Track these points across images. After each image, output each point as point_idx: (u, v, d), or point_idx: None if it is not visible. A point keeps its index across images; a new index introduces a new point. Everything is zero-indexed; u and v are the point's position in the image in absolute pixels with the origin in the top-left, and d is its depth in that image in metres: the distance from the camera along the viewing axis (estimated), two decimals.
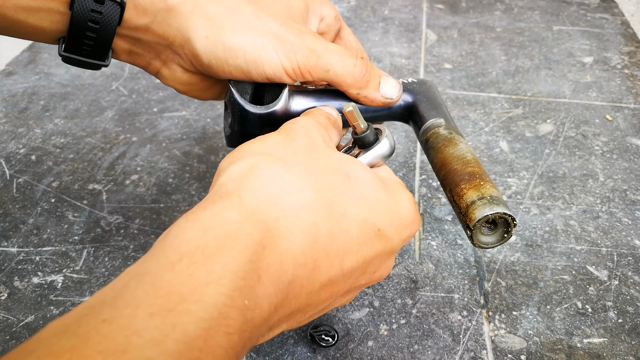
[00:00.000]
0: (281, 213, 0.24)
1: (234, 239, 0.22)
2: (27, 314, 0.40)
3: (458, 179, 0.31)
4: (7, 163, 0.54)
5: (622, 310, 0.40)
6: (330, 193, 0.26)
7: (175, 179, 0.52)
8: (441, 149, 0.34)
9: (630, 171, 0.53)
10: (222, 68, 0.33)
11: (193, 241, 0.22)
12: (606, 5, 0.86)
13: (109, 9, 0.31)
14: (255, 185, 0.25)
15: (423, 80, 0.40)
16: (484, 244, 0.30)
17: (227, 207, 0.23)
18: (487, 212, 0.28)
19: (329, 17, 0.39)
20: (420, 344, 0.38)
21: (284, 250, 0.24)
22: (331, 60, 0.33)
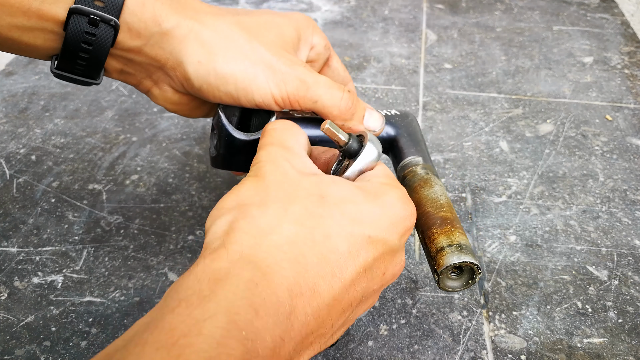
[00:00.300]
0: (266, 253, 0.26)
1: (224, 281, 0.24)
2: (27, 314, 0.40)
3: (430, 222, 0.33)
4: (7, 163, 0.54)
5: (622, 310, 0.40)
6: (309, 220, 0.27)
7: (175, 179, 0.52)
8: (417, 189, 0.35)
9: (630, 171, 0.53)
10: (213, 93, 0.34)
11: (189, 289, 0.24)
12: (606, 5, 0.86)
13: (103, 31, 0.31)
14: (237, 237, 0.26)
15: (406, 113, 0.41)
16: (449, 288, 0.32)
17: (216, 258, 0.25)
18: (454, 261, 0.30)
19: (319, 46, 0.40)
20: (420, 344, 0.38)
21: (278, 284, 0.25)
22: (320, 92, 0.34)
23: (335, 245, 0.27)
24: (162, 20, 0.32)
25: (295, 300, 0.25)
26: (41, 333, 0.38)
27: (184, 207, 0.49)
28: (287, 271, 0.25)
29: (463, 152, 0.56)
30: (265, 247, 0.26)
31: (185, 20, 0.33)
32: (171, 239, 0.46)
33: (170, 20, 0.32)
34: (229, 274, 0.24)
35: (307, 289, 0.26)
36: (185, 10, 0.33)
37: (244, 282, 0.24)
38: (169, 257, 0.44)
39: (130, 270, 0.43)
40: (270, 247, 0.26)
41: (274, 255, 0.26)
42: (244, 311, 0.23)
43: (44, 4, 0.30)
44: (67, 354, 0.37)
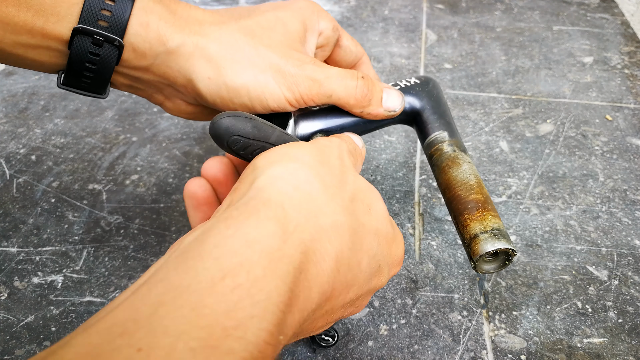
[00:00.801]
0: (317, 234, 0.24)
1: (277, 260, 0.21)
2: (27, 313, 0.40)
3: (462, 207, 0.33)
4: (7, 163, 0.54)
5: (622, 310, 0.40)
6: (355, 222, 0.26)
7: (175, 179, 0.52)
8: (445, 169, 0.35)
9: (630, 171, 0.53)
10: (227, 106, 0.34)
11: (237, 255, 0.20)
12: (606, 5, 0.86)
13: (107, 51, 0.31)
14: (296, 200, 0.24)
15: (426, 79, 0.39)
16: (485, 271, 0.32)
17: (272, 218, 0.22)
18: (489, 248, 0.30)
19: (327, 30, 0.39)
20: (420, 344, 0.38)
21: (314, 277, 0.23)
22: (333, 86, 0.34)
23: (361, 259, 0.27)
24: (166, 39, 0.32)
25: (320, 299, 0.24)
26: (41, 333, 0.38)
27: (184, 207, 0.49)
28: (326, 264, 0.24)
29: None
30: (318, 227, 0.24)
31: (190, 37, 0.32)
32: (171, 239, 0.46)
33: (174, 39, 0.32)
34: (282, 252, 0.21)
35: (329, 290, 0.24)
36: (188, 26, 0.33)
37: (294, 269, 0.21)
38: None
39: (131, 270, 0.43)
40: (321, 230, 0.24)
41: (322, 242, 0.24)
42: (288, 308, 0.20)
43: (48, 23, 0.30)
44: None
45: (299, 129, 0.36)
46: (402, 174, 0.53)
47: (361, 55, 0.43)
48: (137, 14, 0.31)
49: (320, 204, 0.25)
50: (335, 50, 0.41)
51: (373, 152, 0.56)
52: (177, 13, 0.33)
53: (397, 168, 0.54)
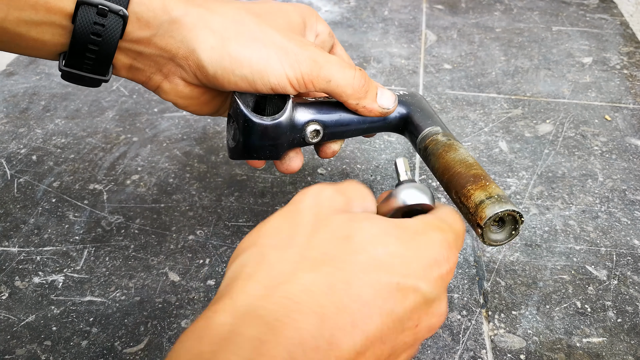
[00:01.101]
0: (278, 305, 0.23)
1: (227, 340, 0.22)
2: (27, 313, 0.40)
3: (463, 181, 0.32)
4: (8, 163, 0.54)
5: (621, 310, 0.40)
6: (328, 266, 0.25)
7: (175, 179, 0.52)
8: (442, 154, 0.35)
9: (630, 171, 0.54)
10: (228, 78, 0.34)
11: (189, 351, 0.22)
12: (605, 5, 0.86)
13: (112, 21, 0.31)
14: (247, 285, 0.24)
15: (413, 92, 0.41)
16: (494, 242, 0.31)
17: (219, 310, 0.23)
18: (496, 210, 0.29)
19: (323, 34, 0.40)
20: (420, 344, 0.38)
21: (290, 338, 0.22)
22: (333, 71, 0.34)
23: (357, 293, 0.24)
24: (170, 8, 0.32)
25: (310, 355, 0.22)
26: (42, 332, 0.38)
27: (184, 207, 0.49)
28: (300, 323, 0.23)
29: None
30: (276, 297, 0.23)
31: (194, 8, 0.33)
32: (172, 239, 0.46)
33: (179, 8, 0.32)
34: (232, 333, 0.22)
35: (323, 341, 0.23)
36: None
37: (249, 341, 0.22)
38: (170, 257, 0.44)
39: (131, 270, 0.43)
40: (281, 298, 0.23)
41: (286, 307, 0.23)
42: None
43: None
44: (68, 354, 0.37)
45: (297, 114, 0.36)
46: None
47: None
48: None
49: (276, 275, 0.24)
50: None
51: (373, 152, 0.56)
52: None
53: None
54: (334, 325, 0.23)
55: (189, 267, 0.43)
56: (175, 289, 0.42)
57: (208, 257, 0.44)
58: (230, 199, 0.50)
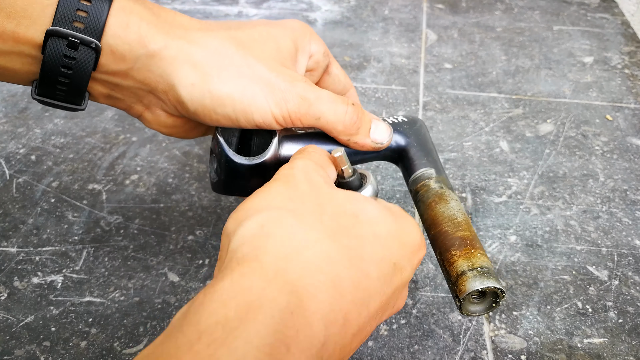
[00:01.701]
0: (304, 270, 0.23)
1: (257, 307, 0.20)
2: (26, 314, 0.39)
3: (449, 243, 0.31)
4: (7, 163, 0.54)
5: (623, 311, 0.40)
6: (345, 239, 0.25)
7: (175, 179, 0.52)
8: (431, 205, 0.33)
9: (631, 171, 0.53)
10: (210, 116, 0.32)
11: (212, 316, 0.20)
12: (606, 5, 0.86)
13: (83, 54, 0.29)
14: (271, 245, 0.23)
15: (414, 119, 0.39)
16: (472, 313, 0.30)
17: (247, 273, 0.22)
18: (477, 287, 0.28)
19: (317, 54, 0.38)
20: (420, 344, 0.38)
21: (313, 311, 0.22)
22: (323, 108, 0.32)
23: (367, 270, 0.25)
24: (148, 41, 0.30)
25: (329, 329, 0.22)
26: (41, 333, 0.38)
27: (183, 207, 0.49)
28: (324, 294, 0.23)
29: (463, 152, 0.56)
30: (302, 263, 0.23)
31: (173, 41, 0.30)
32: (171, 239, 0.46)
33: (157, 41, 0.30)
34: (262, 299, 0.21)
35: (341, 316, 0.23)
36: (173, 30, 0.31)
37: (280, 311, 0.21)
38: (169, 257, 0.44)
39: (130, 271, 0.43)
40: (308, 265, 0.23)
41: (313, 275, 0.23)
42: (277, 350, 0.20)
43: (20, 26, 0.28)
44: (67, 354, 0.37)
45: (283, 150, 0.34)
46: (402, 174, 0.53)
47: (349, 87, 0.42)
48: (116, 14, 0.29)
49: (300, 239, 0.24)
50: (324, 77, 0.40)
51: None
52: (160, 16, 0.31)
53: (397, 168, 0.54)
54: (349, 301, 0.24)
55: (188, 268, 0.43)
56: (175, 290, 0.41)
57: (207, 257, 0.44)
58: (230, 199, 0.50)
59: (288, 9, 0.85)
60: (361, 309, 0.24)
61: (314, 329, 0.22)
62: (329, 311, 0.23)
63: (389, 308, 0.28)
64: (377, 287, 0.25)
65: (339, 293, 0.23)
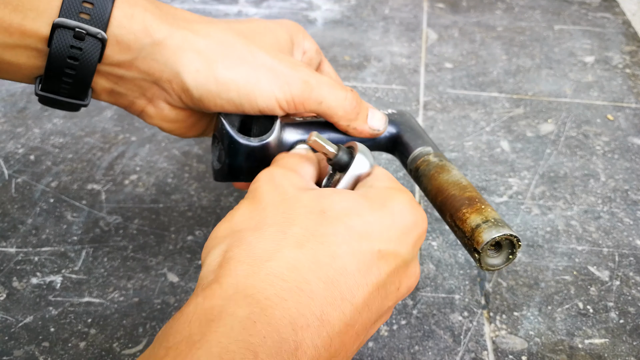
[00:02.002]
0: (265, 282, 0.23)
1: (217, 322, 0.21)
2: (25, 314, 0.39)
3: (458, 204, 0.31)
4: (6, 163, 0.54)
5: (624, 311, 0.40)
6: (310, 241, 0.25)
7: (174, 179, 0.52)
8: (434, 176, 0.34)
9: (632, 171, 0.53)
10: (214, 102, 0.32)
11: (178, 334, 0.21)
12: (607, 4, 0.86)
13: (89, 45, 0.29)
14: (232, 267, 0.24)
15: (402, 111, 0.40)
16: (491, 266, 0.30)
17: (209, 296, 0.23)
18: (494, 235, 0.29)
19: (310, 51, 0.39)
20: (420, 345, 0.38)
21: (279, 318, 0.22)
22: (324, 92, 0.33)
23: (342, 266, 0.25)
24: (153, 31, 0.30)
25: (301, 334, 0.23)
26: (40, 334, 0.38)
27: (183, 207, 0.49)
28: (289, 302, 0.23)
29: (464, 151, 0.56)
30: (263, 275, 0.23)
31: (178, 30, 0.31)
32: (170, 239, 0.46)
33: (161, 30, 0.31)
34: (222, 313, 0.22)
35: (313, 319, 0.23)
36: (176, 21, 0.32)
37: (240, 321, 0.22)
38: (168, 258, 0.44)
39: (129, 271, 0.43)
40: (268, 276, 0.23)
41: (274, 285, 0.23)
42: (241, 356, 0.20)
43: (26, 19, 0.28)
44: (66, 355, 0.37)
45: (285, 135, 0.35)
46: (402, 174, 0.53)
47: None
48: (121, 6, 0.30)
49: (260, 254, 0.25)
50: None
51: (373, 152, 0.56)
52: (163, 9, 0.32)
53: (398, 168, 0.54)
54: (323, 301, 0.24)
55: (187, 268, 0.43)
56: (174, 290, 0.41)
57: None
58: (230, 199, 0.50)
59: (288, 8, 0.85)
60: (343, 306, 0.24)
61: (282, 335, 0.22)
62: (298, 316, 0.23)
63: (391, 292, 0.27)
64: (358, 279, 0.25)
65: (307, 296, 0.23)
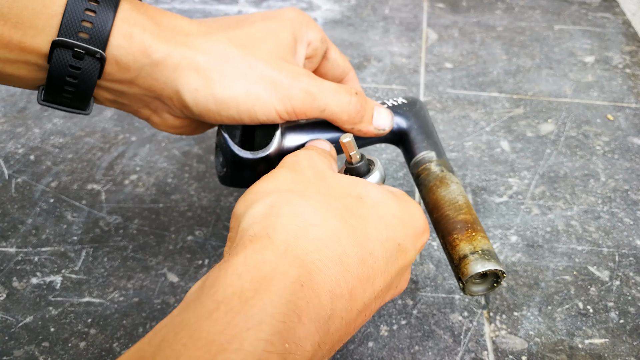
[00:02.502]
0: (312, 246, 0.24)
1: (270, 280, 0.22)
2: (25, 314, 0.39)
3: (450, 227, 0.32)
4: (6, 163, 0.53)
5: (624, 311, 0.40)
6: (351, 218, 0.26)
7: (174, 179, 0.52)
8: (433, 189, 0.34)
9: (632, 171, 0.53)
10: (214, 118, 0.33)
11: (229, 287, 0.21)
12: (607, 4, 0.86)
13: (88, 64, 0.30)
14: (281, 223, 0.25)
15: (414, 100, 0.39)
16: (474, 293, 0.32)
17: (259, 249, 0.23)
18: (479, 269, 0.30)
19: (315, 41, 0.38)
20: (420, 345, 0.38)
21: (321, 284, 0.23)
22: (327, 100, 0.33)
23: (372, 249, 0.26)
24: (151, 51, 0.30)
25: (335, 303, 0.24)
26: (40, 334, 0.38)
27: (183, 207, 0.49)
28: (331, 270, 0.24)
29: (464, 151, 0.56)
30: (310, 239, 0.24)
31: (176, 49, 0.31)
32: (170, 239, 0.46)
33: (160, 50, 0.31)
34: (275, 271, 0.22)
35: (346, 291, 0.24)
36: (174, 37, 0.31)
37: (291, 283, 0.22)
38: (168, 258, 0.44)
39: (129, 271, 0.43)
40: (315, 240, 0.24)
41: (320, 251, 0.24)
42: (289, 318, 0.21)
43: (26, 36, 0.28)
44: (66, 355, 0.37)
45: (286, 141, 0.35)
46: (402, 174, 0.53)
47: (349, 70, 0.42)
48: (120, 25, 0.30)
49: (308, 217, 0.25)
50: (323, 63, 0.41)
51: (373, 152, 0.56)
52: (162, 24, 0.31)
53: (398, 168, 0.54)
54: (355, 277, 0.25)
55: (187, 268, 0.43)
56: (174, 290, 0.41)
57: (207, 257, 0.44)
58: (230, 199, 0.50)
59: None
60: (366, 286, 0.26)
61: (322, 301, 0.23)
62: (335, 285, 0.24)
63: (392, 288, 0.29)
64: (382, 266, 0.27)
65: (345, 269, 0.25)
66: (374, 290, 0.26)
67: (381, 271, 0.27)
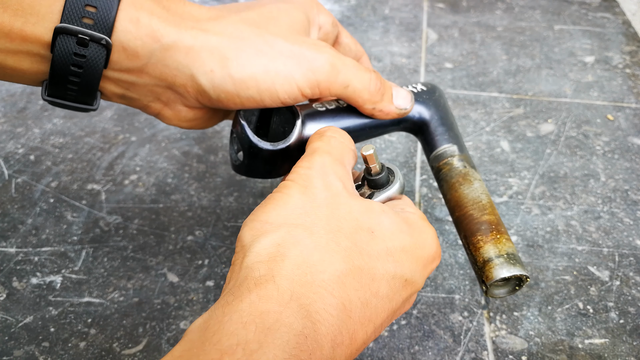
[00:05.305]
0: (317, 295, 0.24)
1: (274, 331, 0.21)
2: (25, 314, 0.39)
3: (474, 227, 0.31)
4: (6, 163, 0.53)
5: (624, 311, 0.40)
6: (358, 259, 0.26)
7: (174, 179, 0.52)
8: (455, 186, 0.33)
9: (632, 171, 0.53)
10: (233, 101, 0.31)
11: (233, 337, 0.21)
12: (607, 4, 0.86)
13: (93, 52, 0.28)
14: (287, 268, 0.24)
15: (433, 87, 0.38)
16: (496, 295, 0.31)
17: (264, 296, 0.23)
18: (504, 274, 0.29)
19: (326, 25, 0.37)
20: (420, 345, 0.38)
21: (324, 334, 0.23)
22: (350, 75, 0.32)
23: (377, 289, 0.26)
24: (161, 35, 0.28)
25: (336, 350, 0.24)
26: (40, 334, 0.38)
27: (183, 207, 0.49)
28: (334, 319, 0.24)
29: None
30: (315, 287, 0.24)
31: (187, 31, 0.29)
32: (170, 240, 0.46)
33: (170, 34, 0.29)
34: (279, 323, 0.22)
35: (347, 337, 0.24)
36: (184, 22, 0.30)
37: (295, 336, 0.22)
38: (168, 258, 0.44)
39: (129, 271, 0.43)
40: (320, 289, 0.24)
41: (325, 299, 0.24)
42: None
43: (27, 24, 0.27)
44: (66, 355, 0.37)
45: (307, 129, 0.33)
46: (402, 173, 0.53)
47: (361, 54, 0.41)
48: (126, 9, 0.28)
49: (315, 262, 0.25)
50: (335, 48, 0.39)
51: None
52: (170, 9, 0.30)
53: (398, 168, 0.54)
54: (356, 321, 0.25)
55: (187, 268, 0.43)
56: (174, 290, 0.41)
57: (207, 257, 0.44)
58: (230, 199, 0.50)
59: None
60: (367, 327, 0.26)
61: (324, 351, 0.23)
62: (337, 334, 0.24)
63: (396, 316, 0.29)
64: (385, 304, 0.26)
65: (347, 315, 0.24)
66: (374, 327, 0.26)
67: (384, 309, 0.26)
